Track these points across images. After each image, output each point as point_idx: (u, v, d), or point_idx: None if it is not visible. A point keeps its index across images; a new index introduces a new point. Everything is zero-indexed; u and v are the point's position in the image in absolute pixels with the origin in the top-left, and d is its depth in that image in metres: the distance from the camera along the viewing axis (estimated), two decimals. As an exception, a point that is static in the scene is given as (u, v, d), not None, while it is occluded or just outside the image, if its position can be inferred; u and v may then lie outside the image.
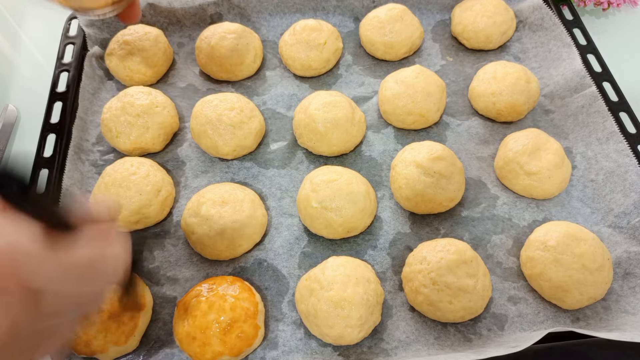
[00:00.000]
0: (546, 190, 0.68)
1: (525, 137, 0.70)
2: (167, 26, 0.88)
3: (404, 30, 0.82)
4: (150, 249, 0.66)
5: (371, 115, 0.79)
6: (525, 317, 0.60)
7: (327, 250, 0.66)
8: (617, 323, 0.58)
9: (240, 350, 0.55)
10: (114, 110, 0.72)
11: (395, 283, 0.63)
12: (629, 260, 0.63)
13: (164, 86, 0.82)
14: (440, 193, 0.65)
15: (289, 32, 0.83)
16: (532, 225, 0.68)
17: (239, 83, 0.83)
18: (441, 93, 0.75)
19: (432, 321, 0.60)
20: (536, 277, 0.61)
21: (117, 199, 0.64)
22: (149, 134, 0.72)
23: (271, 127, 0.78)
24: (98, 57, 0.82)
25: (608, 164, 0.70)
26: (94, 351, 0.55)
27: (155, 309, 0.61)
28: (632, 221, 0.65)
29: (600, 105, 0.72)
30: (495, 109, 0.76)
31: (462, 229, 0.68)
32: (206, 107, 0.72)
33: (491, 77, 0.76)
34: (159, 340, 0.59)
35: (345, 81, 0.84)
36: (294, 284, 0.63)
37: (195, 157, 0.75)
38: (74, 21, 0.86)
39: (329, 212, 0.63)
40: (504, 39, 0.86)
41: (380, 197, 0.70)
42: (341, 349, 0.58)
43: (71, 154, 0.70)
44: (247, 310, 0.56)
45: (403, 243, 0.66)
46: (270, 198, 0.71)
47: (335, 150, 0.72)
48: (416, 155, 0.67)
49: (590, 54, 0.82)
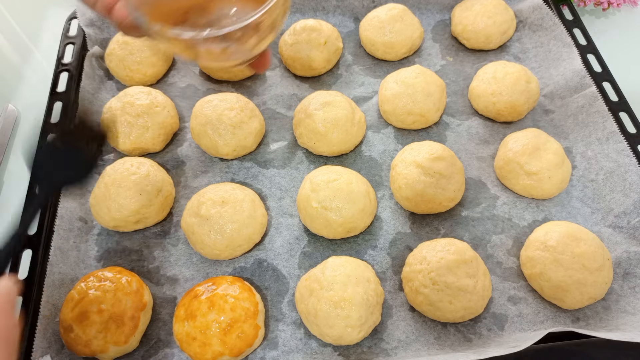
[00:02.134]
0: (546, 190, 0.68)
1: (525, 137, 0.70)
2: (167, 26, 0.88)
3: (404, 30, 0.82)
4: (150, 249, 0.66)
5: (371, 115, 0.79)
6: (525, 317, 0.60)
7: (327, 250, 0.66)
8: (617, 323, 0.58)
9: (241, 351, 0.55)
10: (114, 110, 0.72)
11: (395, 283, 0.63)
12: (629, 260, 0.63)
13: (164, 86, 0.82)
14: (440, 193, 0.65)
15: (289, 32, 0.83)
16: (532, 225, 0.68)
17: (239, 83, 0.83)
18: (441, 93, 0.75)
19: (432, 321, 0.60)
20: (536, 277, 0.61)
21: (117, 199, 0.64)
22: (149, 134, 0.72)
23: (271, 127, 0.78)
24: (98, 57, 0.82)
25: (608, 164, 0.70)
26: (94, 351, 0.55)
27: (155, 309, 0.61)
28: (632, 221, 0.65)
29: (600, 105, 0.72)
30: (495, 109, 0.76)
31: (462, 229, 0.68)
32: (206, 107, 0.72)
33: (491, 77, 0.76)
34: (159, 340, 0.59)
35: (345, 81, 0.84)
36: (294, 284, 0.63)
37: (195, 157, 0.75)
38: (74, 21, 0.86)
39: (329, 212, 0.63)
40: (504, 39, 0.86)
41: (380, 197, 0.70)
42: (341, 349, 0.58)
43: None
44: (247, 310, 0.56)
45: (403, 243, 0.66)
46: (270, 198, 0.71)
47: (335, 150, 0.72)
48: (416, 155, 0.67)
49: (590, 54, 0.82)
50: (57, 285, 0.60)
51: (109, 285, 0.57)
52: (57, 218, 0.64)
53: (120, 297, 0.57)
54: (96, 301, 0.56)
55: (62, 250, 0.63)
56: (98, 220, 0.66)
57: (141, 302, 0.58)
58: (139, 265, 0.65)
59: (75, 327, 0.55)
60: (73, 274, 0.63)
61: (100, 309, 0.56)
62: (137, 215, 0.65)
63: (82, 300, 0.56)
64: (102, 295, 0.57)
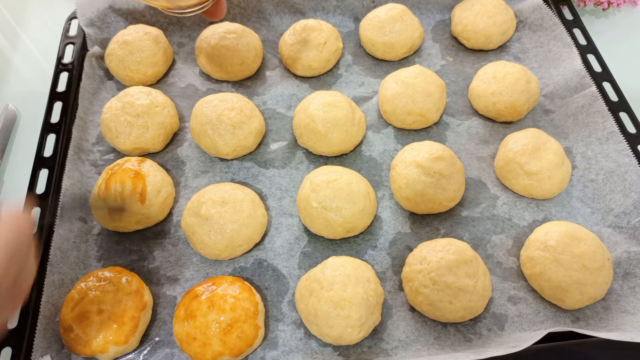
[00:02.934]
0: (546, 190, 0.68)
1: (525, 137, 0.70)
2: (167, 26, 0.88)
3: (404, 30, 0.82)
4: (150, 249, 0.66)
5: (371, 115, 0.79)
6: (525, 317, 0.60)
7: (327, 250, 0.66)
8: (617, 323, 0.58)
9: (241, 351, 0.55)
10: (114, 110, 0.72)
11: (395, 283, 0.63)
12: (629, 260, 0.63)
13: (164, 86, 0.82)
14: (440, 193, 0.65)
15: (289, 32, 0.83)
16: (532, 225, 0.68)
17: (239, 83, 0.83)
18: (441, 93, 0.75)
19: (432, 321, 0.60)
20: (536, 277, 0.61)
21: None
22: (149, 134, 0.72)
23: (271, 127, 0.78)
24: (98, 57, 0.82)
25: (608, 164, 0.70)
26: (94, 351, 0.55)
27: (155, 309, 0.61)
28: (632, 221, 0.65)
29: (600, 105, 0.72)
30: (495, 109, 0.76)
31: (462, 229, 0.68)
32: (206, 107, 0.72)
33: (491, 77, 0.76)
34: (159, 340, 0.59)
35: (345, 81, 0.84)
36: (294, 284, 0.63)
37: (195, 157, 0.75)
38: (74, 21, 0.86)
39: (329, 212, 0.63)
40: (504, 39, 0.86)
41: (380, 197, 0.70)
42: (341, 349, 0.58)
43: (71, 154, 0.70)
44: (248, 310, 0.56)
45: (403, 243, 0.66)
46: (270, 198, 0.71)
47: (335, 150, 0.72)
48: (416, 155, 0.67)
49: (590, 54, 0.82)
50: (57, 285, 0.61)
51: (109, 285, 0.57)
52: (57, 218, 0.64)
53: (120, 297, 0.57)
54: (96, 301, 0.56)
55: (62, 250, 0.63)
56: (98, 220, 0.66)
57: (141, 302, 0.58)
58: (139, 265, 0.65)
59: (75, 327, 0.55)
60: (73, 274, 0.63)
61: (100, 309, 0.56)
62: (137, 216, 0.65)
63: (82, 300, 0.56)
64: (102, 295, 0.57)
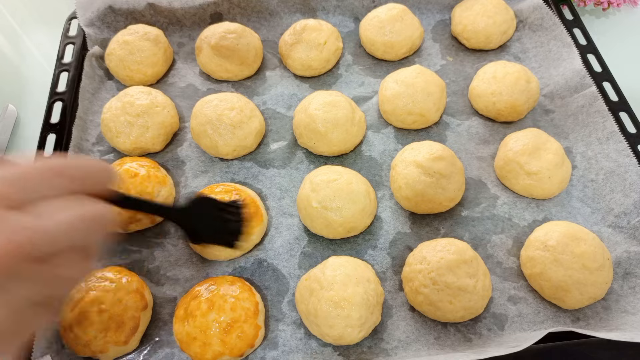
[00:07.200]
0: (546, 190, 0.68)
1: (525, 137, 0.70)
2: (167, 26, 0.88)
3: (404, 30, 0.82)
4: (150, 249, 0.66)
5: (371, 115, 0.79)
6: (525, 317, 0.60)
7: (327, 250, 0.66)
8: (617, 323, 0.58)
9: (241, 351, 0.55)
10: (114, 110, 0.72)
11: (395, 283, 0.63)
12: (629, 260, 0.63)
13: (164, 86, 0.82)
14: (440, 193, 0.65)
15: (289, 32, 0.83)
16: (532, 225, 0.68)
17: (239, 83, 0.83)
18: (441, 93, 0.75)
19: (432, 321, 0.60)
20: (536, 277, 0.61)
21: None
22: (149, 133, 0.72)
23: (271, 127, 0.78)
24: (98, 57, 0.82)
25: (608, 163, 0.70)
26: (94, 351, 0.55)
27: (155, 309, 0.61)
28: (632, 221, 0.65)
29: (600, 105, 0.72)
30: (495, 109, 0.76)
31: (462, 229, 0.68)
32: (206, 107, 0.72)
33: (491, 77, 0.76)
34: (159, 340, 0.59)
35: (345, 81, 0.84)
36: (294, 284, 0.63)
37: (195, 157, 0.75)
38: (74, 21, 0.86)
39: (329, 212, 0.63)
40: (504, 38, 0.86)
41: (380, 197, 0.70)
42: (341, 349, 0.58)
43: (71, 154, 0.70)
44: (248, 310, 0.56)
45: (403, 243, 0.66)
46: (270, 198, 0.71)
47: (335, 150, 0.72)
48: (416, 155, 0.67)
49: (590, 54, 0.82)
50: (57, 285, 0.60)
51: (109, 285, 0.57)
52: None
53: (120, 297, 0.57)
54: (96, 301, 0.56)
55: (62, 250, 0.63)
56: None
57: (141, 302, 0.58)
58: (139, 265, 0.65)
59: (75, 327, 0.55)
60: (73, 274, 0.63)
61: (100, 309, 0.56)
62: (137, 216, 0.65)
63: (82, 300, 0.56)
64: (102, 295, 0.56)
